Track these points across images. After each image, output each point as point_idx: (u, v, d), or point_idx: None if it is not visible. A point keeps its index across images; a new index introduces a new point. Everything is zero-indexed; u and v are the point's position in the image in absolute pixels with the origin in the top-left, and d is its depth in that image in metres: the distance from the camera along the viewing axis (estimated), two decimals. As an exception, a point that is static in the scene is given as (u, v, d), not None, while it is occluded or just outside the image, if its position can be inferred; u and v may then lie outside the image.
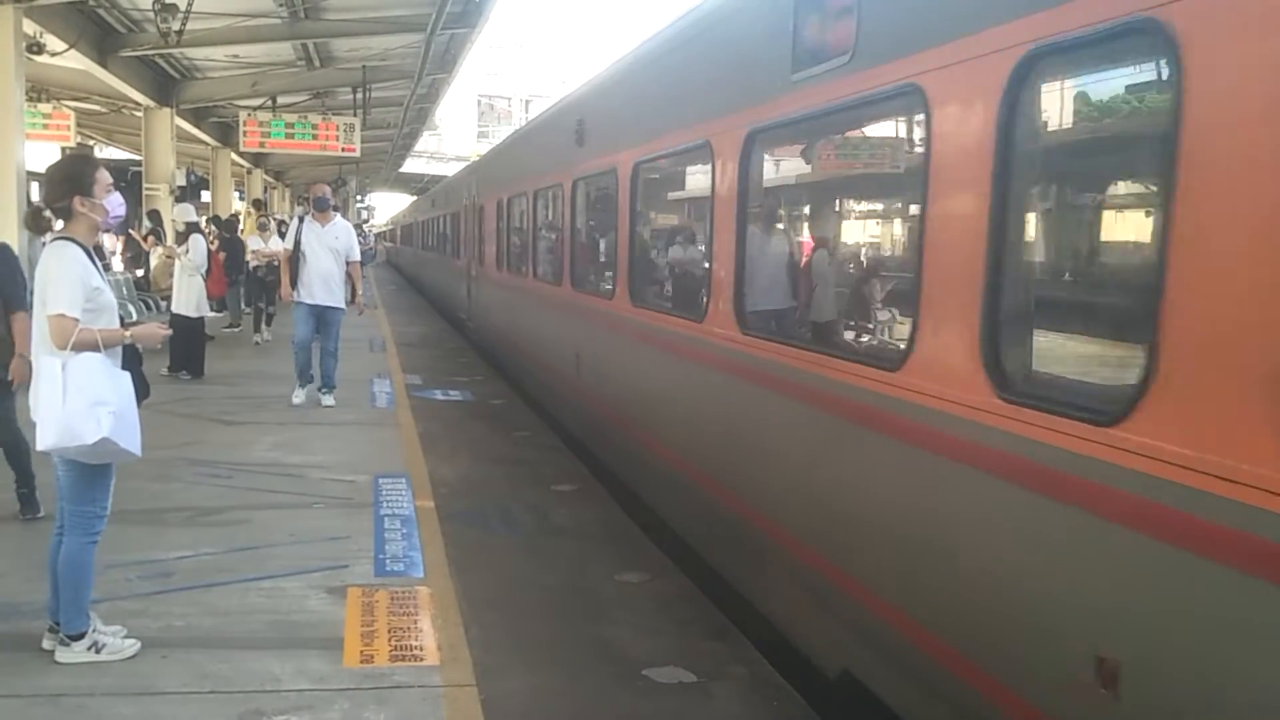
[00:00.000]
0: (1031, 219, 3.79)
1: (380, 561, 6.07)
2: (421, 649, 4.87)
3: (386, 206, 70.77)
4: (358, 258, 11.33)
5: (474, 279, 17.20)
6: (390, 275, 43.38)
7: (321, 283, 10.84)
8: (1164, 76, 2.97)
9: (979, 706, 3.65)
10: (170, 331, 5.29)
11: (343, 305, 11.05)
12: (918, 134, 4.21)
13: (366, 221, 43.95)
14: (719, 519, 6.05)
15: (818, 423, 4.79)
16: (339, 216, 11.46)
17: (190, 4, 13.59)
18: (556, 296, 10.31)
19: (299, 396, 11.05)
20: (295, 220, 11.62)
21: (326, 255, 10.86)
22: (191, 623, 5.09)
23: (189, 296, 12.51)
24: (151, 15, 14.00)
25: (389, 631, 5.05)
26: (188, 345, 12.22)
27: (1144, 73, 3.30)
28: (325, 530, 6.62)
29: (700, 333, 6.21)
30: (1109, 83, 3.60)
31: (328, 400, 11.03)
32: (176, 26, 13.89)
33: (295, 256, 10.90)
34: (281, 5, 15.05)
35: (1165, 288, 2.83)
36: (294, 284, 10.94)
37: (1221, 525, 2.66)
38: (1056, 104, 3.70)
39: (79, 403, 4.28)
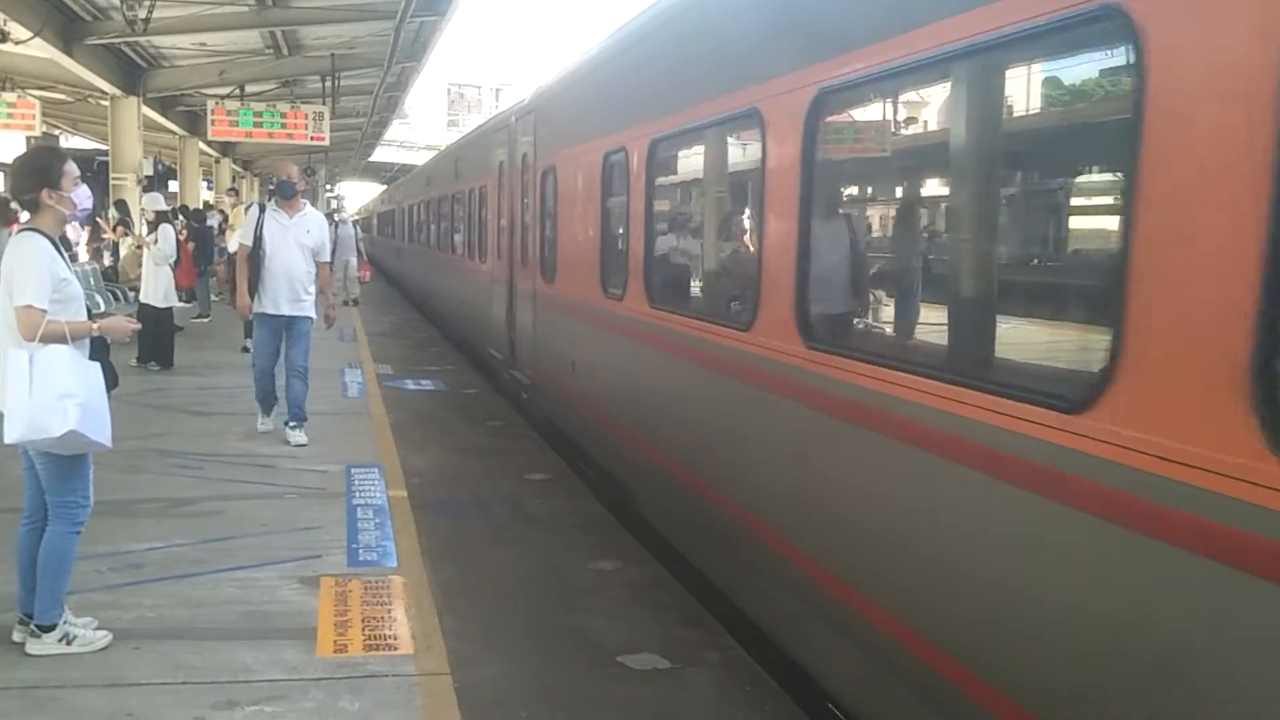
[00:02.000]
0: None
1: (353, 551, 6.07)
2: (395, 638, 4.88)
3: (356, 196, 70.30)
4: (327, 258, 9.11)
5: (527, 300, 10.50)
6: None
7: (288, 288, 8.65)
8: None
9: None
10: (139, 325, 5.27)
11: (313, 314, 8.92)
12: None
13: (337, 211, 42.84)
14: None
15: None
16: (310, 206, 9.32)
17: (156, -9, 13.45)
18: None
19: (265, 424, 9.19)
20: (256, 210, 9.29)
21: (295, 254, 8.67)
22: (164, 614, 5.08)
23: (157, 287, 12.40)
24: (117, 3, 13.81)
25: (363, 621, 5.05)
26: (156, 336, 12.12)
27: None
28: (297, 520, 6.61)
29: None
30: None
31: (298, 437, 8.72)
32: (143, 14, 13.68)
33: (255, 255, 8.63)
34: (249, -8, 14.93)
35: None
36: (252, 290, 8.70)
37: None
38: None
39: (45, 395, 4.27)
